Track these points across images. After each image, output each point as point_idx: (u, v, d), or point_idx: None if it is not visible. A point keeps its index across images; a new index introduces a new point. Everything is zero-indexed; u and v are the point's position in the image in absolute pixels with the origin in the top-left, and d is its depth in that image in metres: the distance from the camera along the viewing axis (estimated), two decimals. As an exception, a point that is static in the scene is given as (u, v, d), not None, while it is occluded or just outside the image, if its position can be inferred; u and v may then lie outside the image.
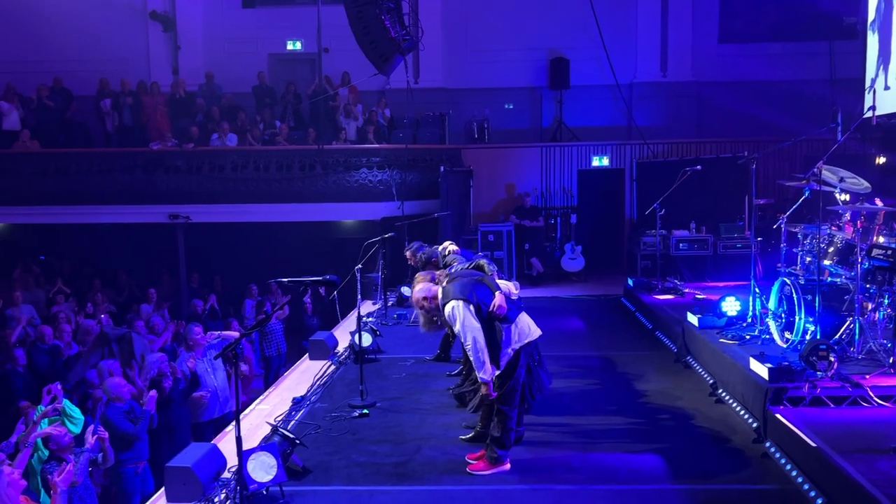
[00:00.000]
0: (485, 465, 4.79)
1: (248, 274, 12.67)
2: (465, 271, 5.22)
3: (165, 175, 12.55)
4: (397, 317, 9.42)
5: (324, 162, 12.43)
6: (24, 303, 10.94)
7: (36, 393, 7.40)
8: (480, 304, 4.69)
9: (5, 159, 12.70)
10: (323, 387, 6.74)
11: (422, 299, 4.97)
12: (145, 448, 6.40)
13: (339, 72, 13.94)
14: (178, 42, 14.84)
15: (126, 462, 6.15)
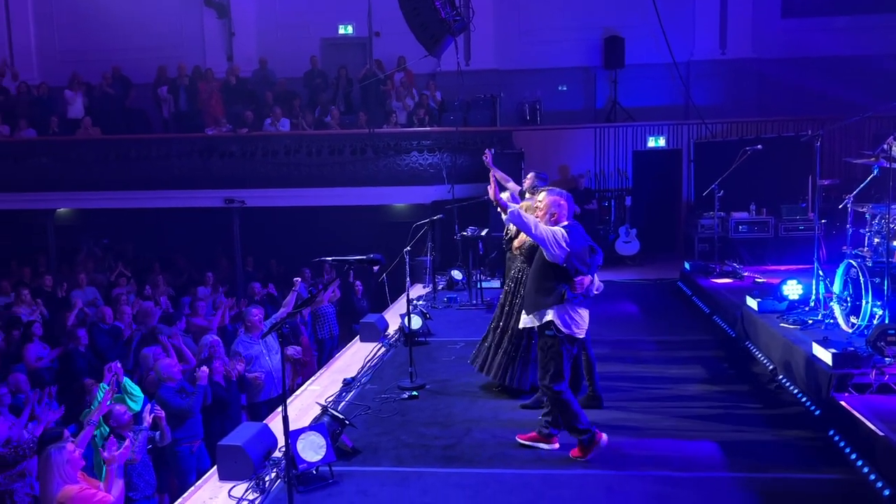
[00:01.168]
0: (534, 436, 4.87)
1: (301, 257, 12.80)
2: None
3: (220, 160, 12.74)
4: (447, 300, 9.40)
5: (375, 146, 12.44)
6: (87, 285, 11.31)
7: (97, 372, 7.64)
8: (572, 254, 4.65)
9: (69, 146, 13.08)
10: (373, 368, 6.77)
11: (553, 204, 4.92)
12: (199, 427, 6.55)
13: (390, 55, 13.91)
14: (232, 28, 15.02)
15: (181, 441, 6.30)
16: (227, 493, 4.29)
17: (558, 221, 4.81)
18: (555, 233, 4.68)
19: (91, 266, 12.91)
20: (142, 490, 5.54)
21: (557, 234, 4.68)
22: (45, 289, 11.00)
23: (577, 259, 4.69)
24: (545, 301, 4.71)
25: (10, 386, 7.03)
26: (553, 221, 4.81)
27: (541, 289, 4.76)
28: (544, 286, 4.73)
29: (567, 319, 4.69)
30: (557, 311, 4.67)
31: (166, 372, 6.39)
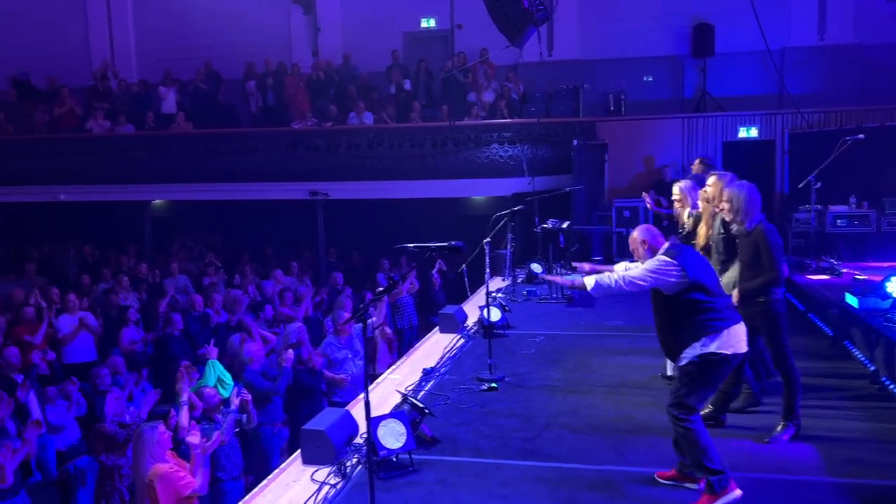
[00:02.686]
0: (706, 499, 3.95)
1: (382, 249, 12.98)
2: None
3: (306, 153, 13.03)
4: (526, 293, 9.31)
5: (455, 138, 12.45)
6: (178, 274, 11.79)
7: (189, 355, 7.96)
8: (696, 279, 4.01)
9: (163, 140, 13.67)
10: (452, 359, 6.77)
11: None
12: (280, 410, 6.76)
13: (472, 48, 13.88)
14: (317, 24, 15.32)
15: (264, 422, 6.49)
16: (310, 476, 4.37)
17: (653, 250, 4.23)
18: (657, 268, 4.08)
19: (183, 255, 13.46)
20: (229, 471, 5.73)
21: (660, 268, 4.07)
22: (142, 276, 11.52)
23: (696, 274, 4.05)
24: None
25: (110, 368, 7.40)
26: (648, 251, 4.25)
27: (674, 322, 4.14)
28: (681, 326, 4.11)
29: (725, 340, 4.04)
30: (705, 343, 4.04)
31: (250, 354, 6.60)
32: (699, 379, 4.04)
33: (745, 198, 4.75)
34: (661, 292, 4.13)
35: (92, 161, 13.59)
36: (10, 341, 8.18)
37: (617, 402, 5.51)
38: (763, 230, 4.84)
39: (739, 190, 4.87)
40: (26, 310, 8.78)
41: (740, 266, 5.07)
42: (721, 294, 4.19)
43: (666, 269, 4.05)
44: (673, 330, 4.15)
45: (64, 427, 6.79)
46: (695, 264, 4.11)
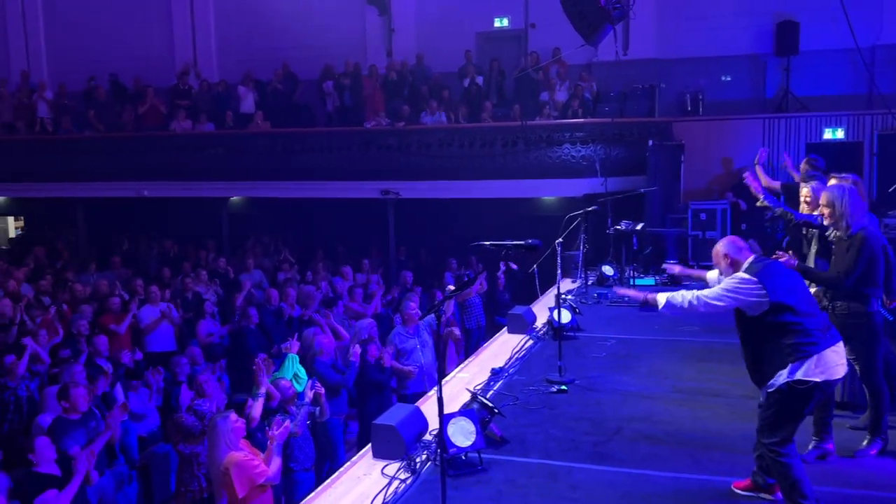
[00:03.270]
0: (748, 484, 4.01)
1: (450, 248, 13.03)
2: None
3: (378, 153, 13.18)
4: (597, 296, 9.17)
5: (526, 138, 12.37)
6: (254, 269, 12.11)
7: (263, 348, 8.17)
8: (780, 300, 3.71)
9: (242, 139, 14.06)
10: (521, 360, 6.73)
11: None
12: (346, 403, 6.91)
13: (545, 47, 13.77)
14: (391, 25, 15.48)
15: (332, 414, 6.63)
16: (381, 471, 4.42)
17: (736, 265, 3.97)
18: (735, 287, 3.82)
19: (258, 251, 13.82)
20: (301, 462, 5.85)
21: (739, 287, 3.81)
22: (220, 271, 11.89)
23: (780, 295, 3.75)
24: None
25: (189, 358, 7.67)
26: (730, 266, 3.99)
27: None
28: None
29: (814, 367, 3.74)
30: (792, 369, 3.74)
31: (321, 347, 6.75)
32: (785, 409, 3.76)
33: (848, 200, 4.49)
34: (743, 312, 3.87)
35: (174, 158, 14.10)
36: (96, 330, 8.57)
37: (692, 410, 5.37)
38: (864, 237, 4.53)
39: (841, 192, 4.63)
40: (112, 300, 9.17)
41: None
42: (813, 313, 3.85)
43: (746, 289, 3.78)
44: (757, 354, 3.87)
45: (145, 415, 7.06)
46: (780, 282, 3.79)
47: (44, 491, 4.95)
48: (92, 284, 10.79)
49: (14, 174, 15.00)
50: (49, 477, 5.07)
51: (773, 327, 3.77)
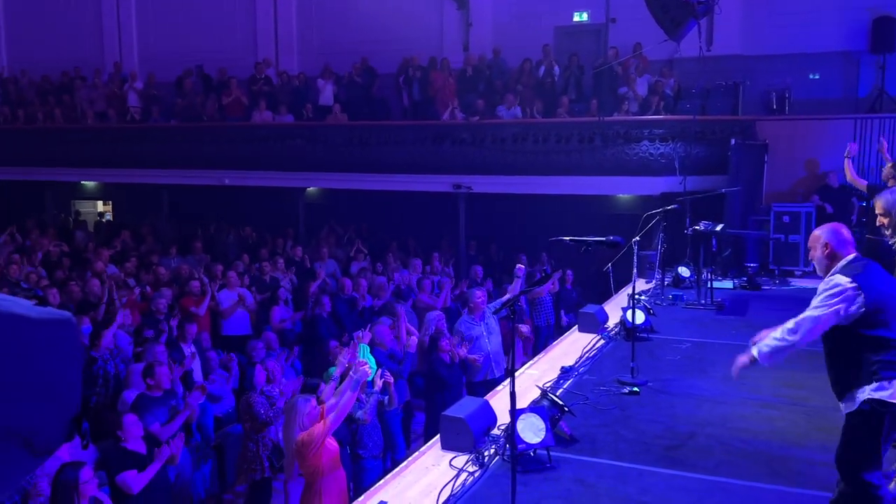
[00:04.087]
0: None
1: (521, 244, 12.97)
2: None
3: (451, 147, 13.21)
4: (672, 297, 8.95)
5: (603, 134, 12.18)
6: (328, 258, 12.35)
7: (335, 336, 8.33)
8: (877, 305, 3.38)
9: (320, 131, 14.33)
10: (592, 360, 6.64)
11: None
12: (404, 392, 7.06)
13: (625, 42, 13.49)
14: (469, 19, 15.48)
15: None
16: (449, 462, 4.45)
17: (833, 258, 3.65)
18: (832, 304, 3.47)
19: (332, 241, 14.09)
20: (370, 449, 5.95)
21: (834, 303, 3.47)
22: (296, 259, 12.17)
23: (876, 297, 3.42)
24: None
25: (264, 342, 7.89)
26: (827, 257, 3.68)
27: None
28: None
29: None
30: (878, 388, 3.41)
31: (379, 337, 6.84)
32: (866, 433, 3.42)
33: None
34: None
35: (255, 149, 14.50)
36: (176, 311, 8.91)
37: (770, 418, 5.19)
38: None
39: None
40: (192, 284, 9.51)
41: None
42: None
43: (843, 299, 3.42)
44: (840, 367, 3.54)
45: (221, 397, 7.31)
46: (880, 289, 3.44)
47: (128, 468, 5.17)
48: (173, 268, 11.22)
49: (104, 160, 15.71)
50: (134, 454, 5.29)
51: (863, 340, 3.45)
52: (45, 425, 1.05)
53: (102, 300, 8.58)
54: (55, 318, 1.12)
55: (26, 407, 1.03)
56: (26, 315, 1.05)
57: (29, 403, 1.03)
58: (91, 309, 8.41)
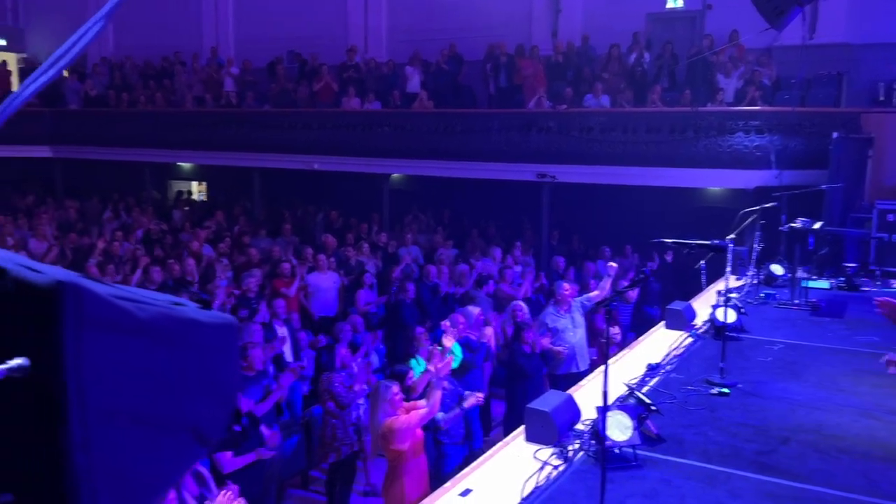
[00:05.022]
0: None
1: (604, 235, 12.78)
2: None
3: (537, 135, 13.11)
4: (764, 296, 8.66)
5: (696, 125, 11.82)
6: (411, 244, 12.52)
7: (418, 322, 8.46)
8: None
9: (407, 118, 14.48)
10: (679, 358, 6.51)
11: None
12: (480, 381, 7.10)
13: (721, 29, 13.04)
14: (559, 5, 15.27)
15: (468, 391, 6.80)
16: (533, 454, 4.48)
17: None
18: None
19: (415, 227, 14.25)
20: (453, 436, 6.04)
21: None
22: (380, 245, 12.39)
23: None
24: None
25: (350, 325, 8.09)
26: None
27: None
28: None
29: None
30: None
31: (457, 326, 6.92)
32: None
33: None
34: None
35: (343, 135, 14.79)
36: (266, 292, 9.24)
37: (869, 427, 4.98)
38: None
39: None
40: (283, 265, 9.83)
41: None
42: None
43: None
44: None
45: (310, 376, 7.55)
46: None
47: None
48: (263, 249, 11.62)
49: (200, 143, 16.36)
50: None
51: None
52: (213, 419, 1.15)
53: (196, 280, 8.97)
54: (223, 322, 1.22)
55: (200, 404, 1.13)
56: (201, 320, 1.14)
57: (203, 400, 1.13)
58: (187, 286, 8.82)
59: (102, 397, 0.92)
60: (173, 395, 1.06)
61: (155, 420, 1.03)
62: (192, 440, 1.13)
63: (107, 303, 0.96)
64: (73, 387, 0.90)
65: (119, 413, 0.96)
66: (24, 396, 0.91)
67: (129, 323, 0.98)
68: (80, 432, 0.90)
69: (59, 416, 0.90)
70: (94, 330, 0.93)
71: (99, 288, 0.97)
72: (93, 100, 18.01)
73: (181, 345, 1.09)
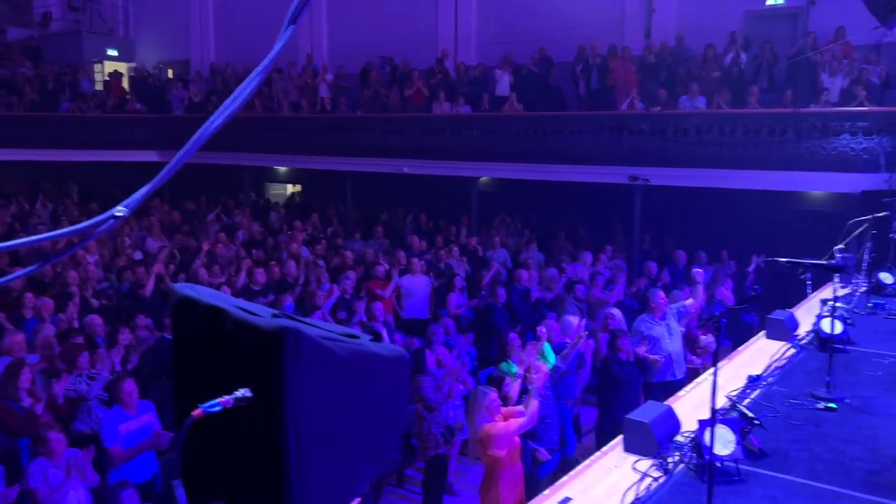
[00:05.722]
0: None
1: (699, 239, 12.48)
2: None
3: (630, 137, 12.92)
4: (871, 305, 8.26)
5: (797, 126, 11.38)
6: (499, 247, 12.59)
7: (509, 327, 8.52)
8: None
9: (496, 121, 14.55)
10: (781, 369, 6.32)
11: None
12: (573, 387, 7.14)
13: (825, 26, 12.50)
14: (653, 5, 15.00)
15: (561, 397, 6.80)
16: (631, 465, 4.47)
17: None
18: None
19: (503, 230, 14.32)
20: (546, 443, 6.09)
21: None
22: (470, 248, 12.51)
23: None
24: None
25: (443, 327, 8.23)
26: None
27: None
28: None
29: None
30: None
31: (547, 331, 6.95)
32: None
33: None
34: None
35: (432, 138, 15.01)
36: (361, 294, 9.50)
37: None
38: None
39: None
40: (378, 268, 10.09)
41: None
42: None
43: None
44: None
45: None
46: None
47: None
48: (357, 251, 11.94)
49: (295, 147, 16.96)
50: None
51: None
52: (390, 441, 1.28)
53: (298, 281, 9.32)
54: (397, 355, 1.35)
55: (381, 427, 1.25)
56: (383, 354, 1.27)
57: (383, 424, 1.26)
58: (289, 289, 9.18)
59: (312, 424, 1.06)
60: (362, 421, 1.19)
61: (349, 443, 1.16)
62: (374, 459, 1.25)
63: (317, 344, 1.09)
64: (291, 415, 1.03)
65: (323, 437, 1.08)
66: (244, 422, 1.05)
67: (332, 360, 1.11)
68: (296, 454, 1.03)
69: (279, 440, 1.04)
70: (307, 367, 1.06)
71: (311, 330, 1.10)
72: (195, 105, 18.92)
73: (369, 376, 1.21)
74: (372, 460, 1.24)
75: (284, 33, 1.52)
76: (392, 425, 1.29)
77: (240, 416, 1.05)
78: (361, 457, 1.19)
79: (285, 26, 1.54)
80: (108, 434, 5.50)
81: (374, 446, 1.24)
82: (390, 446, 1.28)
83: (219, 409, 1.15)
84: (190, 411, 1.08)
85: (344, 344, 1.17)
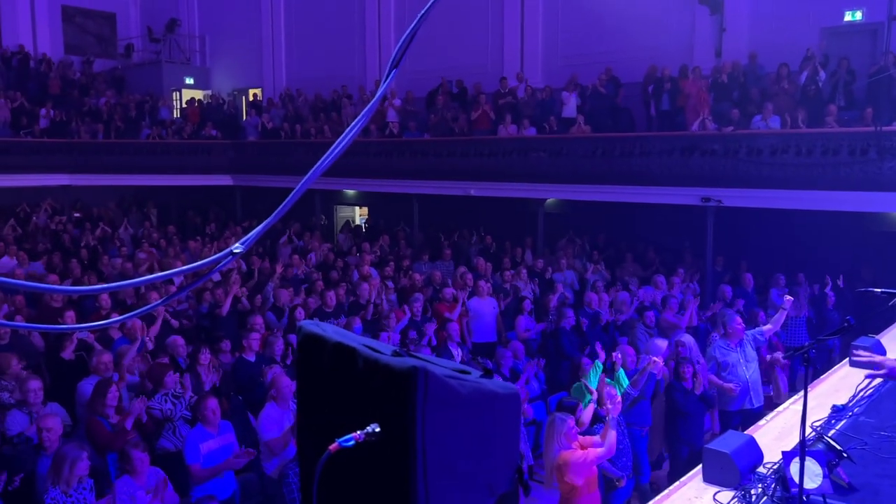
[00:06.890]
0: None
1: (775, 262, 12.13)
2: None
3: (701, 158, 12.71)
4: (966, 332, 7.87)
5: (880, 145, 10.97)
6: (566, 269, 12.51)
7: (578, 351, 8.45)
8: None
9: (563, 143, 14.52)
10: (868, 399, 6.06)
11: None
12: (647, 414, 6.97)
13: (908, 41, 12.10)
14: (723, 24, 14.78)
15: (633, 424, 6.66)
16: (712, 496, 4.36)
17: None
18: None
19: (570, 252, 14.22)
20: (620, 469, 6.00)
21: None
22: (536, 270, 12.48)
23: None
24: None
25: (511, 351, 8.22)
26: None
27: None
28: None
29: None
30: None
31: (621, 357, 6.86)
32: None
33: None
34: None
35: (499, 161, 15.09)
36: (429, 315, 9.57)
37: None
38: None
39: None
40: (446, 291, 10.16)
41: None
42: None
43: None
44: None
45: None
46: None
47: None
48: (425, 273, 12.06)
49: (364, 171, 17.29)
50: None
51: None
52: (502, 475, 1.33)
53: (370, 301, 9.47)
54: (510, 392, 1.41)
55: (495, 462, 1.30)
56: (498, 392, 1.32)
57: (496, 459, 1.31)
58: (361, 310, 9.34)
59: (437, 459, 1.11)
60: (480, 456, 1.24)
61: (467, 477, 1.21)
62: (487, 493, 1.30)
63: (443, 383, 1.15)
64: (420, 450, 1.09)
65: (447, 472, 1.14)
66: (373, 456, 1.12)
67: (455, 398, 1.17)
68: (423, 487, 1.09)
69: (408, 474, 1.10)
70: (433, 404, 1.12)
71: (437, 369, 1.17)
72: (269, 132, 19.53)
73: (486, 413, 1.26)
74: (487, 495, 1.28)
75: (388, 77, 1.60)
76: (506, 460, 1.33)
77: (364, 451, 1.11)
78: (479, 491, 1.24)
79: (388, 70, 1.62)
80: (190, 452, 5.70)
81: (489, 481, 1.28)
82: (502, 480, 1.32)
83: (352, 443, 1.24)
84: (315, 443, 1.15)
85: (464, 382, 1.23)
